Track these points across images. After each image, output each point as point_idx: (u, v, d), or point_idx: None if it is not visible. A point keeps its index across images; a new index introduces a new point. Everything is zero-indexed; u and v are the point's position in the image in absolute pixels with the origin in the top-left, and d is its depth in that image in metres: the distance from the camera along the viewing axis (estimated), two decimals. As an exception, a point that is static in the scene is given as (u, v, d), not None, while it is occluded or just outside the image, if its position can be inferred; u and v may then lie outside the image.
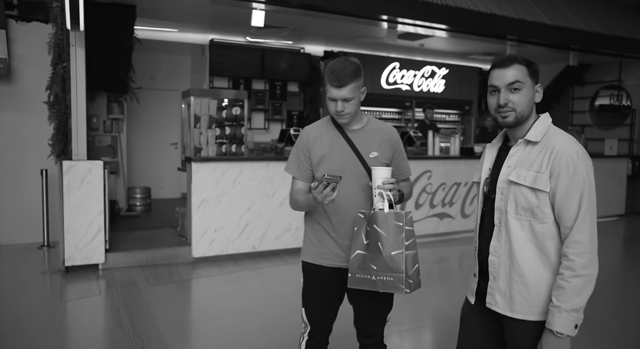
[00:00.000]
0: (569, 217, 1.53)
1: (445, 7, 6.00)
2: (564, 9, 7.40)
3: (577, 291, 1.50)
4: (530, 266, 1.59)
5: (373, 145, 1.97)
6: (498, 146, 1.76)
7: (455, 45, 8.23)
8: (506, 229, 1.63)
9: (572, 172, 1.53)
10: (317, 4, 5.42)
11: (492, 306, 1.67)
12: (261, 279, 4.79)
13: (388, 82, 8.57)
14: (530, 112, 1.64)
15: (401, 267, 1.74)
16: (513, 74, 1.59)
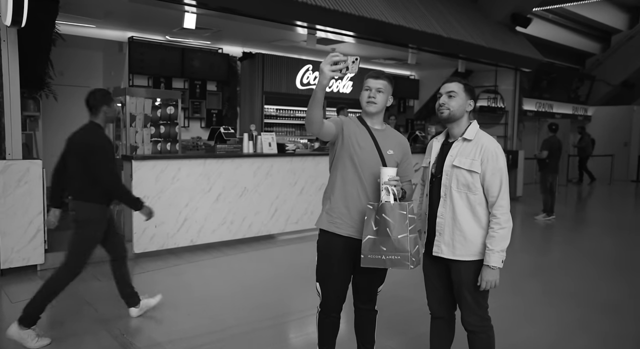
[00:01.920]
0: (494, 191, 2.28)
1: (361, 18, 6.68)
2: (455, 24, 8.50)
3: (503, 238, 2.26)
4: (467, 223, 2.31)
5: (390, 145, 2.47)
6: (442, 141, 2.45)
7: (362, 50, 8.99)
8: (450, 199, 2.34)
9: (495, 161, 2.28)
10: (235, 8, 5.70)
11: (438, 253, 2.36)
12: (199, 271, 5.05)
13: (302, 83, 9.10)
14: (461, 116, 2.35)
15: (407, 247, 2.24)
16: (452, 86, 2.34)
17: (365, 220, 2.32)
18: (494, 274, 2.26)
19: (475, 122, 2.42)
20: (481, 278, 2.29)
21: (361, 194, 2.42)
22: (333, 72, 2.13)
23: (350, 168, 2.42)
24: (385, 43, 7.68)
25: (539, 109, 13.76)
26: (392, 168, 2.33)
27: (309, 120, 2.27)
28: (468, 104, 2.36)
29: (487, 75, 11.15)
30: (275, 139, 6.41)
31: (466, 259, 2.32)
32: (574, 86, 15.19)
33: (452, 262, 2.36)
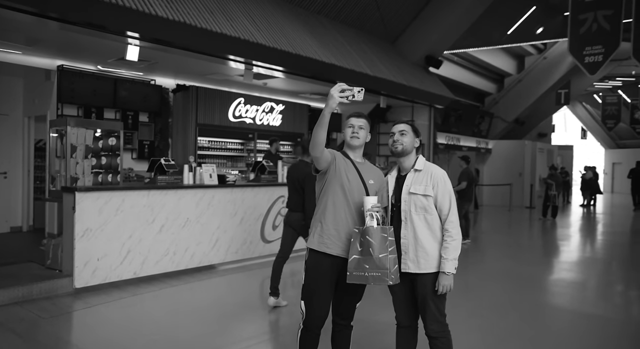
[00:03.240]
0: (445, 209, 2.70)
1: (297, 56, 7.11)
2: (379, 63, 9.24)
3: (455, 248, 2.67)
4: (427, 240, 2.70)
5: (370, 176, 2.82)
6: (395, 175, 2.85)
7: (292, 84, 9.44)
8: (411, 222, 2.72)
9: (444, 185, 2.72)
10: (172, 41, 5.89)
11: (406, 270, 2.71)
12: (144, 304, 4.98)
13: (234, 115, 9.30)
14: (411, 151, 2.78)
15: (387, 265, 2.56)
16: (403, 126, 2.78)
17: (351, 242, 2.61)
18: (449, 280, 2.66)
19: (421, 155, 2.85)
20: (438, 283, 2.66)
21: (349, 217, 2.73)
22: (341, 98, 2.46)
23: (340, 195, 2.73)
24: (317, 79, 8.17)
25: (449, 142, 15.01)
26: (374, 197, 2.67)
27: (315, 141, 2.56)
28: (416, 141, 2.80)
29: (404, 110, 12.07)
30: (216, 170, 6.54)
31: (430, 272, 2.69)
32: (477, 122, 16.78)
33: (418, 276, 2.71)
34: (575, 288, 6.12)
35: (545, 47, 17.97)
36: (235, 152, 9.69)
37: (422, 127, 11.99)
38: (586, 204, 17.48)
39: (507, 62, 18.14)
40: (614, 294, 6.00)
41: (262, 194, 6.91)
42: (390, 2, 9.82)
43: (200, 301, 5.18)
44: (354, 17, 9.61)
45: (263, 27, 6.91)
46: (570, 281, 6.42)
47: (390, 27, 10.48)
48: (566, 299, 5.55)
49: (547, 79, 17.40)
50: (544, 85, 17.41)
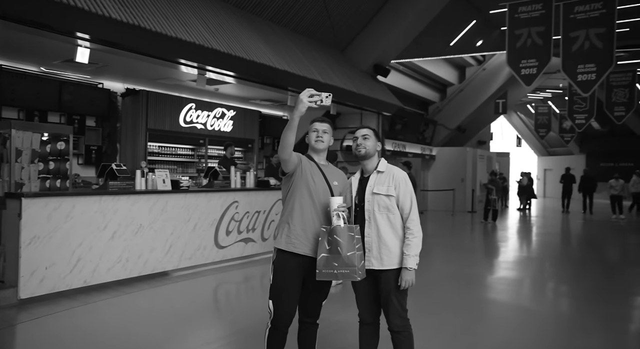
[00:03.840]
0: (406, 208, 2.86)
1: (251, 62, 7.16)
2: (329, 71, 9.44)
3: (416, 245, 2.83)
4: (390, 238, 2.85)
5: (334, 178, 2.93)
6: (358, 177, 3.01)
7: (243, 91, 9.45)
8: (374, 220, 2.86)
9: (405, 185, 2.88)
10: (121, 43, 5.79)
11: (370, 266, 2.84)
12: (95, 313, 4.85)
13: (185, 121, 9.19)
14: (374, 154, 2.95)
15: (354, 263, 2.67)
16: (365, 131, 2.95)
17: (319, 241, 2.71)
18: (411, 275, 2.81)
19: (383, 158, 3.01)
20: (401, 278, 2.81)
21: (315, 218, 2.83)
22: (310, 103, 2.57)
23: (307, 196, 2.83)
24: (270, 86, 8.25)
25: (395, 148, 15.47)
26: (340, 197, 2.79)
27: (284, 144, 2.66)
28: (377, 145, 2.97)
29: (352, 117, 12.35)
30: (169, 175, 6.46)
31: (392, 268, 2.83)
32: (421, 129, 17.38)
33: (381, 272, 2.84)
34: (514, 284, 6.52)
35: (484, 58, 18.94)
36: (185, 158, 9.57)
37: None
38: (522, 208, 18.48)
39: (449, 73, 18.95)
40: (548, 290, 6.45)
41: (215, 200, 6.88)
42: (341, 11, 10.07)
43: (155, 308, 5.10)
44: (305, 25, 9.77)
45: (217, 33, 6.92)
46: (510, 278, 6.84)
47: (340, 36, 10.73)
48: (507, 295, 5.93)
49: (486, 89, 18.32)
50: (484, 95, 18.32)
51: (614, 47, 9.30)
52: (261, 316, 4.64)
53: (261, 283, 6.62)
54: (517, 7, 10.01)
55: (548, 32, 9.71)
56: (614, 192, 15.39)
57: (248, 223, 7.50)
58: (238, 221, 7.30)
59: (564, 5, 9.63)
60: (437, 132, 18.56)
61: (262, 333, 4.08)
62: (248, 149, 10.79)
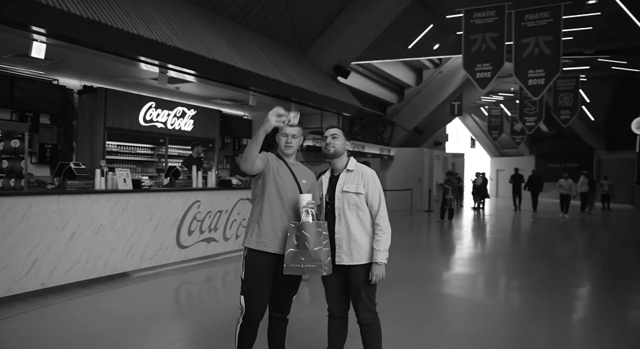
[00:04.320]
0: (375, 205, 2.96)
1: (213, 61, 7.14)
2: (291, 72, 9.51)
3: (385, 240, 2.93)
4: (359, 234, 2.95)
5: (303, 176, 2.99)
6: (329, 175, 3.10)
7: (203, 90, 9.39)
8: (344, 217, 2.95)
9: (374, 183, 2.98)
10: (81, 39, 5.65)
11: (340, 262, 2.93)
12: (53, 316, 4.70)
13: (145, 119, 9.04)
14: (343, 153, 3.04)
15: (321, 258, 2.75)
16: (335, 130, 3.04)
17: (287, 236, 2.79)
18: (381, 269, 2.91)
19: (352, 157, 3.11)
20: (372, 273, 2.91)
21: (284, 216, 2.90)
22: (277, 122, 2.64)
23: (275, 196, 2.90)
24: (232, 86, 8.24)
25: (354, 149, 15.69)
26: (309, 194, 2.86)
27: (246, 157, 2.71)
28: (346, 144, 3.06)
29: (313, 118, 12.46)
30: (130, 175, 6.36)
31: (362, 263, 2.93)
32: (380, 130, 17.71)
33: (351, 268, 2.94)
34: (469, 280, 6.80)
35: (440, 62, 19.48)
36: (145, 157, 9.41)
37: (331, 135, 12.46)
38: (477, 207, 19.13)
39: (407, 75, 19.39)
40: (500, 284, 6.76)
41: (177, 199, 6.82)
42: (302, 12, 10.15)
43: (116, 310, 5.01)
44: (267, 25, 9.80)
45: (180, 31, 6.86)
46: (465, 274, 7.14)
47: (301, 37, 10.82)
48: (462, 290, 6.19)
49: (442, 92, 18.86)
50: (440, 97, 18.85)
51: (560, 54, 9.83)
52: (224, 316, 4.68)
53: (223, 282, 6.62)
54: (472, 13, 10.40)
55: (501, 38, 10.14)
56: (563, 192, 16.06)
57: (210, 223, 7.46)
58: (200, 221, 7.26)
59: (515, 13, 10.09)
60: (395, 133, 18.95)
61: (225, 332, 4.14)
62: (209, 148, 10.71)
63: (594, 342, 4.36)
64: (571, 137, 26.22)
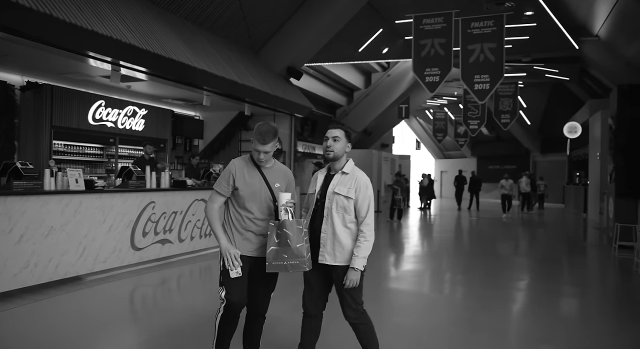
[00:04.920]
0: (363, 212, 2.99)
1: (169, 60, 7.02)
2: (246, 72, 9.48)
3: (366, 248, 2.96)
4: (344, 237, 2.98)
5: (277, 179, 3.00)
6: (325, 173, 3.12)
7: (155, 89, 9.17)
8: (331, 218, 2.99)
9: (365, 190, 2.99)
10: (30, 33, 5.33)
11: (323, 261, 2.98)
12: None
13: (94, 118, 8.72)
14: (342, 155, 3.05)
15: (303, 254, 2.81)
16: (336, 132, 3.02)
17: (268, 235, 2.83)
18: (356, 275, 2.93)
19: (351, 159, 3.11)
20: (346, 277, 2.94)
21: (253, 221, 2.97)
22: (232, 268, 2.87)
23: (244, 203, 2.95)
24: (188, 85, 8.11)
25: (305, 150, 15.81)
26: (288, 193, 2.91)
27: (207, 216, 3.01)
28: (347, 146, 3.04)
29: (265, 118, 12.36)
30: (82, 175, 6.14)
31: (344, 265, 2.97)
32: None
33: (333, 268, 2.98)
34: (418, 276, 7.09)
35: (388, 65, 19.98)
36: (94, 157, 9.08)
37: (284, 136, 12.50)
38: (423, 207, 19.75)
39: (356, 77, 19.74)
40: (446, 279, 7.08)
41: (132, 200, 6.66)
42: (256, 13, 10.14)
43: (68, 316, 4.81)
44: (220, 25, 9.72)
45: (134, 28, 6.70)
46: (414, 270, 7.43)
47: (254, 38, 10.80)
48: (412, 285, 6.47)
49: (390, 94, 19.34)
50: (388, 99, 19.33)
51: (503, 61, 10.38)
52: (180, 319, 4.64)
53: (178, 285, 6.52)
54: (421, 19, 10.78)
55: (449, 44, 10.57)
56: (504, 192, 16.81)
57: (165, 224, 7.32)
58: (155, 222, 7.11)
59: (462, 21, 10.55)
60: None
61: (182, 335, 4.11)
62: (160, 148, 10.47)
63: (534, 328, 4.65)
64: (510, 140, 27.63)
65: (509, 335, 4.56)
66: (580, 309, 5.64)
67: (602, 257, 8.95)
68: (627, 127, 9.21)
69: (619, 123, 9.33)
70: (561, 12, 13.09)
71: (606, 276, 7.66)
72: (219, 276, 2.96)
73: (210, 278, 7.06)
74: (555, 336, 4.41)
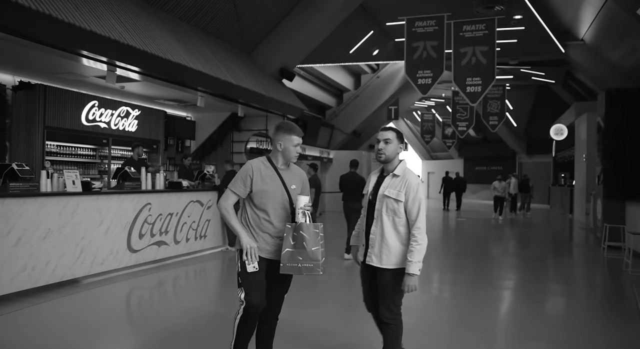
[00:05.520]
0: (413, 215, 2.95)
1: (167, 62, 6.98)
2: (240, 73, 9.46)
3: (419, 252, 2.91)
4: (392, 240, 2.97)
5: (293, 181, 3.01)
6: (377, 174, 3.14)
7: (148, 90, 9.10)
8: (380, 221, 2.99)
9: (415, 192, 2.96)
10: (28, 33, 5.29)
11: (370, 262, 3.01)
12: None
13: (88, 119, 8.62)
14: (394, 157, 3.04)
15: (318, 257, 2.81)
16: (388, 134, 3.03)
17: (284, 237, 2.83)
18: (413, 280, 2.91)
19: (404, 160, 3.08)
20: (404, 283, 2.92)
21: (269, 224, 2.96)
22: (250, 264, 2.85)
23: (259, 205, 2.94)
24: (183, 86, 8.07)
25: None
26: (306, 197, 2.91)
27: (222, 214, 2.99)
28: (399, 148, 3.04)
29: (258, 120, 12.41)
30: (79, 176, 6.08)
31: (389, 267, 2.98)
32: (320, 133, 17.94)
33: (378, 269, 3.00)
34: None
35: (378, 67, 20.08)
36: (87, 158, 8.97)
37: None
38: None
39: (346, 79, 19.79)
40: (434, 279, 7.13)
41: (128, 202, 6.61)
42: (250, 14, 10.13)
43: (65, 319, 4.76)
44: (214, 26, 9.69)
45: (131, 28, 6.64)
46: None
47: (248, 39, 10.78)
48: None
49: (379, 96, 19.43)
50: (378, 101, 19.41)
51: (495, 64, 10.52)
52: (176, 321, 4.62)
53: (174, 287, 6.49)
54: (414, 21, 10.86)
55: (441, 47, 10.68)
56: (497, 194, 16.67)
57: (161, 226, 7.28)
58: (151, 224, 7.06)
59: (454, 24, 10.67)
60: (335, 135, 19.27)
61: (178, 338, 4.07)
62: (153, 150, 10.39)
63: (521, 327, 4.74)
64: (496, 142, 27.94)
65: (501, 333, 4.65)
66: (572, 308, 5.74)
67: (592, 257, 9.12)
68: (615, 131, 9.40)
69: (607, 126, 9.52)
70: (548, 16, 13.31)
71: (596, 276, 7.81)
72: (237, 278, 2.95)
73: (206, 280, 7.04)
74: (547, 334, 4.49)
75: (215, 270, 7.49)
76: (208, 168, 10.21)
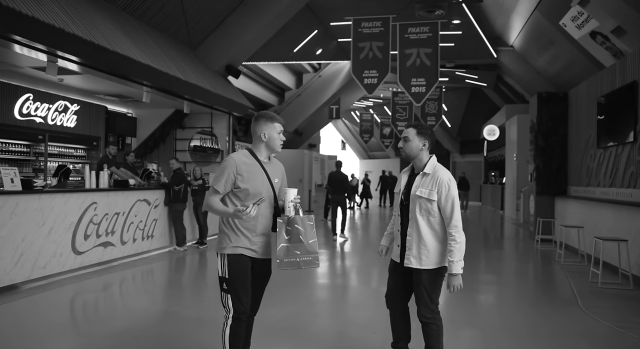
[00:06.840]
0: (448, 213, 2.93)
1: (115, 54, 6.66)
2: (187, 69, 9.20)
3: (459, 250, 2.90)
4: (429, 240, 2.96)
5: (276, 174, 2.91)
6: (409, 173, 3.12)
7: (88, 83, 8.63)
8: (415, 221, 2.98)
9: (447, 189, 2.92)
10: None
11: (408, 264, 2.98)
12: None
13: (21, 113, 8.03)
14: (417, 154, 3.01)
15: (316, 250, 2.77)
16: (406, 132, 3.04)
17: (277, 232, 2.77)
18: (457, 280, 2.91)
19: (433, 157, 3.02)
20: (448, 283, 2.91)
21: (257, 220, 2.82)
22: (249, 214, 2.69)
23: (244, 199, 2.80)
24: (130, 80, 7.73)
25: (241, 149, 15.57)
26: (295, 189, 2.84)
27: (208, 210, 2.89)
28: (422, 144, 2.98)
29: (203, 117, 12.12)
30: (18, 174, 5.67)
31: (428, 268, 2.96)
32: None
33: (417, 270, 2.98)
34: (354, 271, 7.37)
35: (320, 66, 20.21)
36: (20, 155, 8.36)
37: (222, 136, 12.27)
38: (352, 206, 20.24)
39: (288, 77, 19.76)
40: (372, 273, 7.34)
41: (73, 201, 6.25)
42: (196, 9, 9.87)
43: (3, 327, 4.42)
44: (159, 19, 9.34)
45: (75, 17, 6.27)
46: (349, 265, 7.76)
47: (193, 34, 10.50)
48: (351, 280, 6.72)
49: (321, 96, 19.57)
50: (319, 100, 19.55)
51: (438, 65, 10.93)
52: (123, 326, 4.43)
53: (121, 290, 6.22)
54: (360, 22, 11.05)
55: (387, 48, 10.93)
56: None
57: (107, 226, 6.96)
58: (97, 224, 6.73)
59: (399, 26, 10.96)
60: (277, 134, 19.16)
61: (124, 343, 3.92)
62: (92, 147, 9.87)
63: (458, 313, 5.00)
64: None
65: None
66: (512, 296, 6.06)
67: (526, 250, 9.71)
68: (545, 131, 10.07)
69: (539, 127, 10.17)
70: (483, 21, 14.00)
71: (532, 266, 8.31)
72: (222, 284, 2.81)
73: (154, 281, 6.78)
74: (481, 321, 4.74)
75: (163, 271, 7.24)
76: (151, 166, 9.87)
